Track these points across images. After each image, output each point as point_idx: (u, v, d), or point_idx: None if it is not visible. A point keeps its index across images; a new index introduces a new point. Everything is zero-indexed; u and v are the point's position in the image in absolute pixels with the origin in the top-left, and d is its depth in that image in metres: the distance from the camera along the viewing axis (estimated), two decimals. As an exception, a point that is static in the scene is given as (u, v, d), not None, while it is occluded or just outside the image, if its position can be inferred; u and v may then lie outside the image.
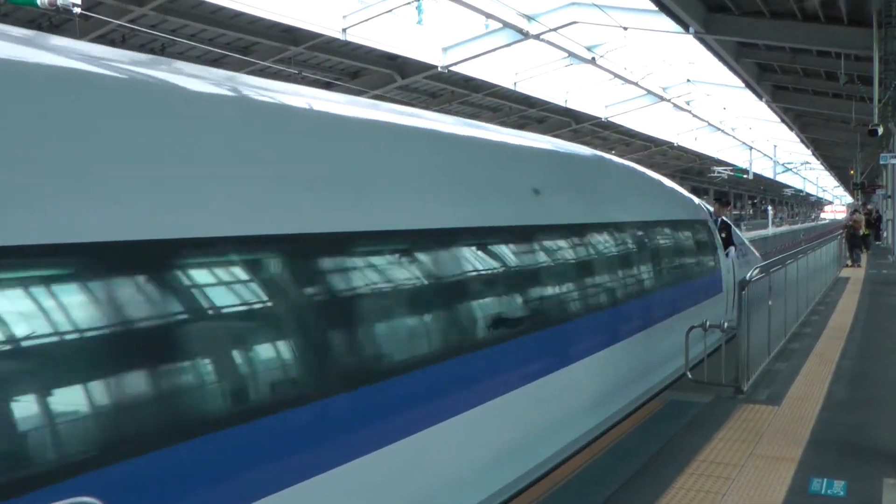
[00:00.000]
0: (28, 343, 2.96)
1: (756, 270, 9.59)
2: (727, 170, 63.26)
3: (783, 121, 41.48)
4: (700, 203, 13.91)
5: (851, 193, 64.52)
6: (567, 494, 6.17)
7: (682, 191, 13.68)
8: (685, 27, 21.40)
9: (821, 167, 76.55)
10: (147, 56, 5.29)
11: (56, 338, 3.05)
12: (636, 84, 35.29)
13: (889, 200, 35.94)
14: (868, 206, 44.23)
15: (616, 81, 34.53)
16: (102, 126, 3.56)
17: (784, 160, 70.44)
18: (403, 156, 5.84)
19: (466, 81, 31.58)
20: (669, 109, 42.39)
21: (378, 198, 5.11)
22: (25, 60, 3.58)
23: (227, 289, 3.83)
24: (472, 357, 5.55)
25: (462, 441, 5.46)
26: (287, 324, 4.12)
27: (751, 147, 59.82)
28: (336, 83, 27.98)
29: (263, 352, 4.00)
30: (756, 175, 66.43)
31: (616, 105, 39.85)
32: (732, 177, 66.54)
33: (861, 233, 29.76)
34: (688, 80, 37.97)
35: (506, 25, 25.10)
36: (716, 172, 64.17)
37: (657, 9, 20.87)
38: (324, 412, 4.14)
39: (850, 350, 11.22)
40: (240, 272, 3.93)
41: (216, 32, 22.82)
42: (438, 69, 27.62)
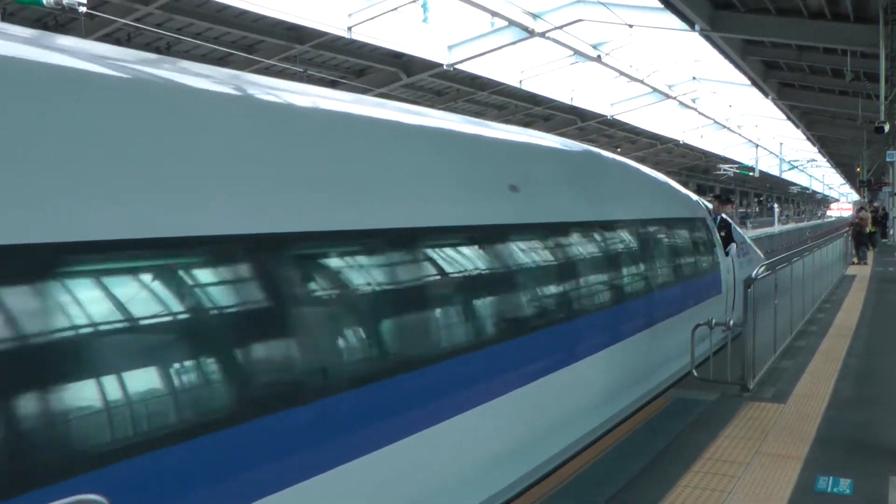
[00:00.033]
0: (36, 340, 2.96)
1: (762, 268, 9.58)
2: (733, 167, 63.17)
3: (789, 118, 41.43)
4: (698, 200, 13.33)
5: (858, 191, 64.39)
6: (572, 492, 6.17)
7: (679, 187, 13.05)
8: (691, 24, 21.38)
9: (827, 164, 76.46)
10: (168, 58, 5.28)
11: (64, 334, 3.06)
12: (642, 82, 35.25)
13: (895, 198, 35.86)
14: (874, 204, 44.10)
15: (621, 79, 34.50)
16: (139, 127, 3.66)
17: (790, 158, 70.39)
18: (359, 149, 5.27)
19: (472, 79, 31.57)
20: (675, 107, 42.36)
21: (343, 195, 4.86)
22: (48, 63, 3.64)
23: (219, 288, 3.81)
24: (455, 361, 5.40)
25: (467, 439, 5.46)
26: (285, 323, 4.11)
27: (757, 144, 59.76)
28: (341, 81, 27.98)
29: (268, 350, 4.00)
30: (762, 173, 66.36)
31: (621, 103, 39.81)
32: (738, 174, 66.42)
33: (867, 230, 29.66)
34: (693, 78, 37.94)
35: (511, 23, 25.08)
36: (721, 170, 64.07)
37: (663, 6, 20.85)
38: (331, 410, 4.14)
39: (857, 348, 11.20)
40: (229, 272, 3.92)
41: (221, 31, 22.84)
42: (444, 67, 27.61)
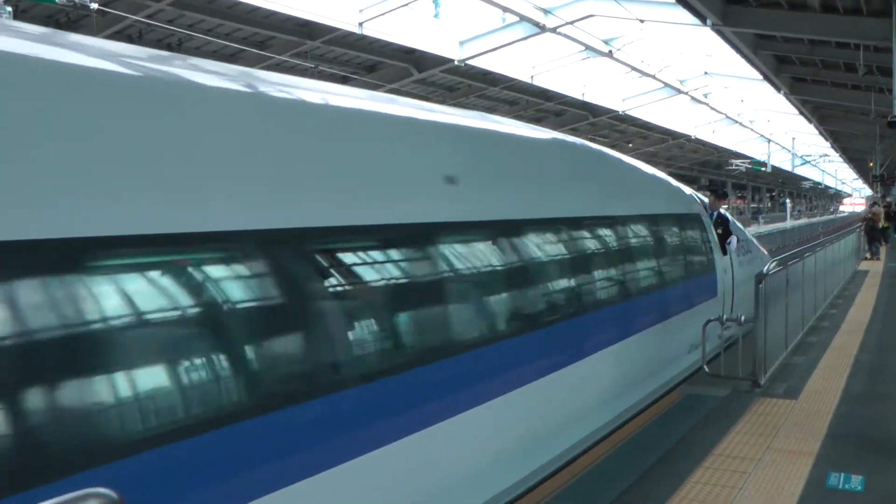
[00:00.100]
0: (45, 336, 2.99)
1: (773, 264, 9.55)
2: (745, 163, 62.94)
3: (801, 113, 41.19)
4: (692, 194, 12.41)
5: (870, 185, 64.08)
6: (583, 487, 6.19)
7: (669, 180, 12.09)
8: (702, 19, 21.29)
9: (839, 159, 76.02)
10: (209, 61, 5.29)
11: (73, 330, 3.09)
12: (653, 77, 35.13)
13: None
14: (887, 199, 43.89)
15: (633, 74, 34.39)
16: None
17: (802, 153, 70.02)
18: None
19: (483, 75, 31.55)
20: (687, 102, 42.21)
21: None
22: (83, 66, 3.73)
23: (221, 285, 3.83)
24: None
25: (477, 434, 5.47)
26: (292, 319, 4.14)
27: (769, 140, 59.47)
28: (352, 77, 28.01)
29: (279, 346, 4.03)
30: (774, 168, 66.06)
31: (633, 98, 39.70)
32: (750, 170, 66.19)
33: (880, 225, 29.56)
34: (705, 73, 37.77)
35: (522, 19, 25.04)
36: (734, 165, 63.85)
37: (674, 1, 20.79)
38: (340, 405, 4.17)
39: (869, 344, 11.17)
40: (231, 269, 3.94)
41: (233, 27, 22.89)
42: (455, 63, 27.59)
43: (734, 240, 12.26)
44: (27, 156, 3.10)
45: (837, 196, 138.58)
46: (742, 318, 9.31)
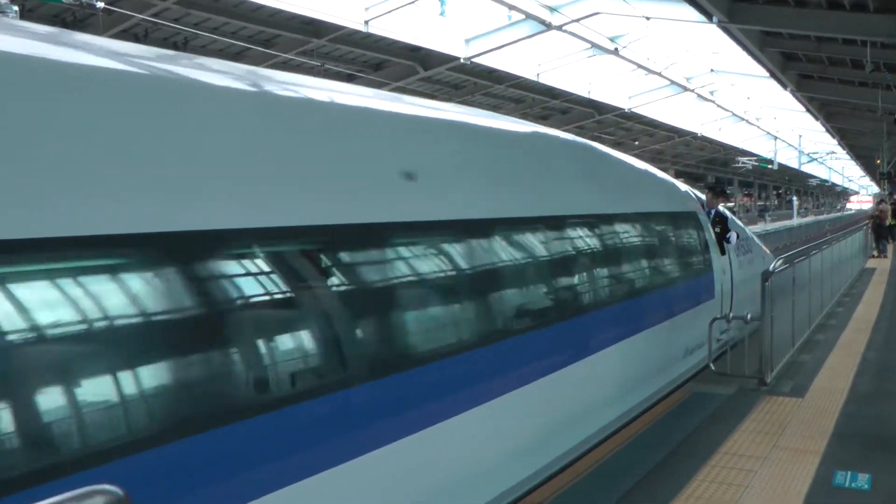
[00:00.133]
0: (53, 333, 3.00)
1: (779, 261, 9.52)
2: (752, 160, 62.86)
3: (808, 110, 41.11)
4: (688, 191, 11.87)
5: (878, 183, 63.88)
6: (589, 485, 6.18)
7: (663, 176, 11.58)
8: (708, 16, 21.23)
9: (846, 157, 75.86)
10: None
11: (83, 327, 3.10)
12: (659, 74, 35.10)
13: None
14: (895, 196, 43.77)
15: (639, 72, 34.36)
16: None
17: (809, 150, 69.90)
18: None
19: (489, 73, 31.54)
20: (693, 100, 42.14)
21: None
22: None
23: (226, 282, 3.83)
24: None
25: (483, 432, 5.46)
26: (300, 315, 4.14)
27: (776, 137, 59.37)
28: (358, 75, 28.01)
29: (286, 342, 4.03)
30: (781, 165, 65.98)
31: (639, 96, 39.65)
32: (757, 167, 66.11)
33: (887, 223, 29.51)
34: (711, 70, 37.71)
35: (528, 16, 25.02)
36: (740, 163, 63.78)
37: (680, -2, 20.80)
38: (346, 402, 4.17)
39: (876, 341, 11.15)
40: (235, 266, 3.94)
41: (238, 25, 22.91)
42: (461, 61, 27.57)
43: (733, 236, 11.83)
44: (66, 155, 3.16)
45: (844, 193, 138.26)
46: (748, 317, 9.30)
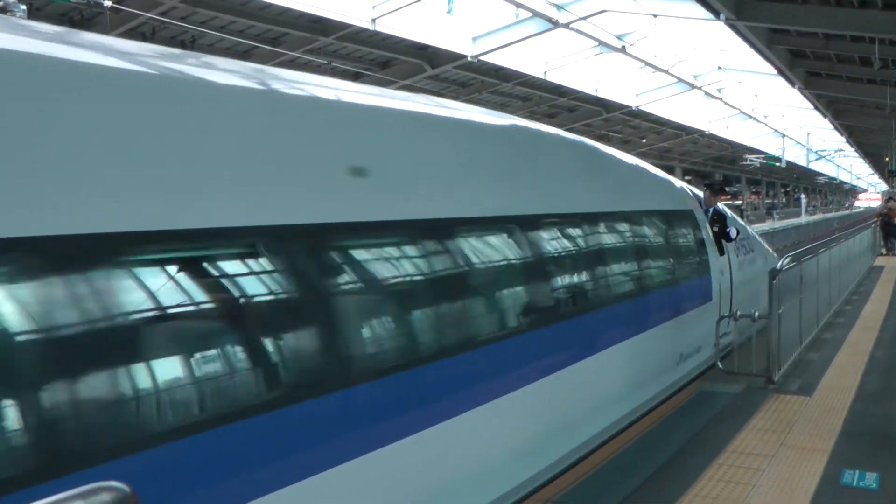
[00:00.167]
0: (63, 331, 3.01)
1: (787, 259, 9.51)
2: (760, 158, 62.71)
3: (816, 108, 40.98)
4: (684, 188, 11.41)
5: (886, 181, 63.68)
6: (597, 483, 6.18)
7: (657, 173, 11.02)
8: (716, 14, 21.18)
9: (855, 154, 75.63)
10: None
11: (93, 325, 3.12)
12: (667, 72, 35.01)
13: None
14: (903, 194, 43.63)
15: (647, 70, 34.27)
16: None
17: (817, 147, 69.70)
18: None
19: (496, 71, 31.48)
20: (701, 97, 42.02)
21: None
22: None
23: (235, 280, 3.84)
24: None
25: (491, 430, 5.46)
26: (300, 314, 4.14)
27: (783, 135, 59.22)
28: (365, 73, 28.01)
29: (289, 342, 4.04)
30: (789, 163, 65.79)
31: (647, 93, 39.55)
32: (765, 165, 65.95)
33: (896, 221, 29.41)
34: (719, 68, 37.59)
35: (535, 14, 24.96)
36: (748, 161, 63.63)
37: (687, -4, 20.77)
38: (352, 401, 4.17)
39: (884, 340, 11.13)
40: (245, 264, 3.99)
41: (245, 24, 22.90)
42: (468, 59, 27.51)
43: (732, 230, 11.36)
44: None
45: (852, 191, 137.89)
46: (756, 315, 9.29)
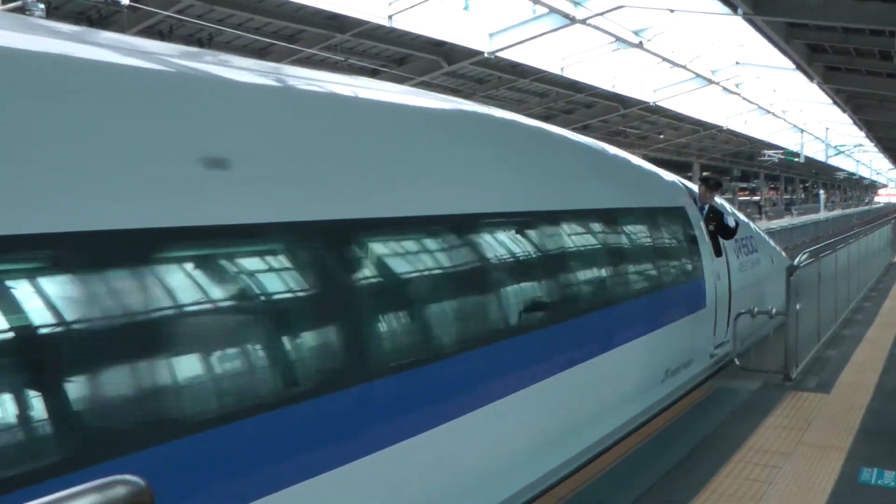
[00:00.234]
0: (80, 326, 3.04)
1: (805, 256, 9.46)
2: (778, 153, 62.42)
3: (835, 102, 40.70)
4: (676, 182, 10.36)
5: (906, 176, 63.41)
6: (612, 480, 6.17)
7: (644, 165, 10.15)
8: (733, 8, 21.07)
9: (874, 149, 75.14)
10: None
11: (109, 320, 3.12)
12: (684, 67, 34.87)
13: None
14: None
15: (664, 65, 34.15)
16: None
17: (836, 143, 69.29)
18: None
19: (513, 67, 31.43)
20: (718, 93, 41.84)
21: None
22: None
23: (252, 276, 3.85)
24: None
25: (505, 427, 5.47)
26: (311, 312, 4.16)
27: (802, 130, 58.90)
28: (382, 70, 28.03)
29: (303, 339, 4.05)
30: (807, 158, 65.45)
31: (664, 89, 39.41)
32: (783, 160, 65.63)
33: (916, 216, 29.26)
34: (737, 63, 37.41)
35: (552, 10, 24.91)
36: (766, 156, 63.36)
37: (705, -10, 20.68)
38: (365, 396, 4.18)
39: (904, 337, 11.06)
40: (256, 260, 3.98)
41: (262, 21, 22.95)
42: (485, 55, 27.48)
43: (730, 219, 10.29)
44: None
45: (872, 187, 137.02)
46: (773, 311, 9.26)
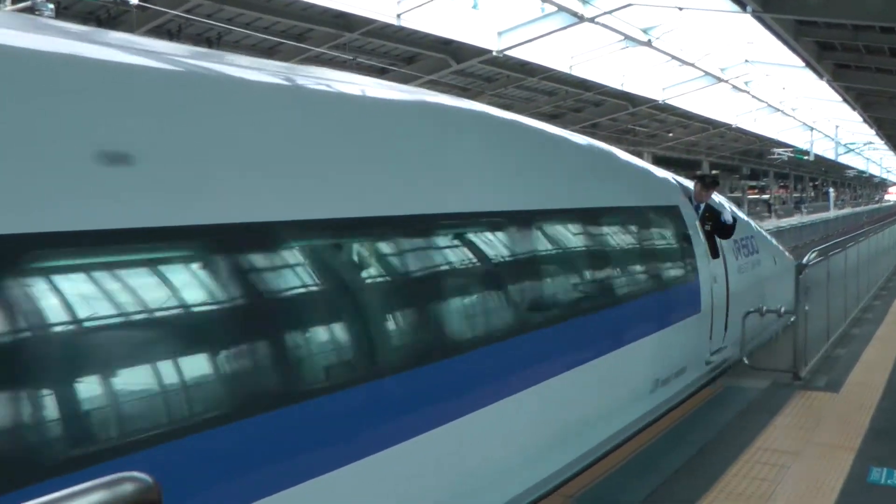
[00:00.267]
0: (93, 323, 3.06)
1: (814, 254, 9.43)
2: (788, 151, 62.26)
3: (845, 100, 40.58)
4: (668, 179, 9.75)
5: (917, 174, 63.26)
6: (621, 479, 6.16)
7: (633, 161, 9.48)
8: (742, 6, 21.01)
9: (885, 147, 74.90)
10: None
11: (124, 317, 3.15)
12: (693, 65, 34.80)
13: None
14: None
15: (673, 63, 34.08)
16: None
17: (846, 140, 69.09)
18: None
19: (522, 65, 31.41)
20: (728, 91, 41.74)
21: None
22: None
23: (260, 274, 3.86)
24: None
25: (516, 424, 5.47)
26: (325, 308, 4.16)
27: (812, 128, 58.74)
28: (390, 69, 28.04)
29: (319, 334, 4.08)
30: (817, 156, 65.27)
31: (673, 87, 39.34)
32: (793, 158, 65.47)
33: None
34: (746, 61, 37.31)
35: (561, 9, 24.88)
36: (776, 154, 63.20)
37: (714, -12, 20.63)
38: (379, 392, 4.19)
39: (914, 335, 11.03)
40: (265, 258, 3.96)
41: (271, 20, 22.98)
42: (493, 53, 27.48)
43: (726, 212, 9.79)
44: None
45: (882, 184, 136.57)
46: (782, 310, 9.23)
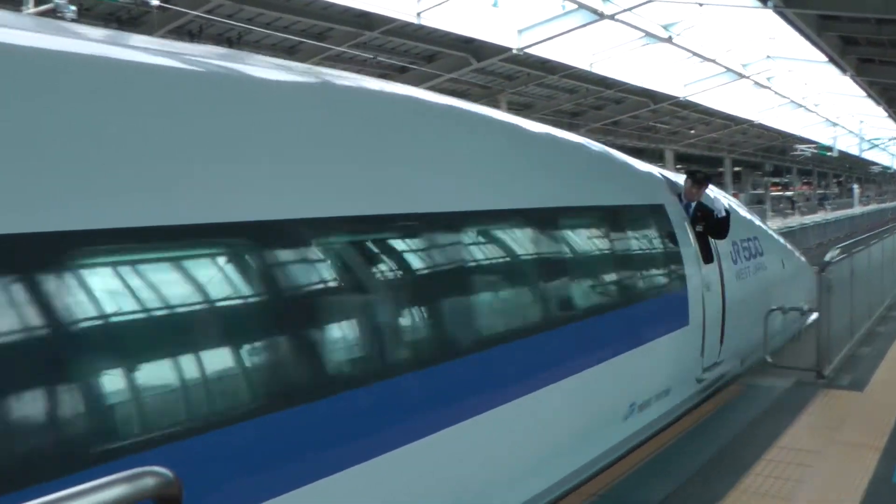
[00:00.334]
0: (113, 320, 3.07)
1: (837, 252, 9.35)
2: (811, 148, 61.88)
3: (869, 95, 40.34)
4: (652, 175, 8.66)
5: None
6: (642, 477, 6.14)
7: (615, 154, 8.34)
8: (764, 1, 20.92)
9: (910, 143, 74.39)
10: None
11: (139, 315, 3.15)
12: (714, 62, 34.64)
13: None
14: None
15: (694, 60, 33.92)
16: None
17: (871, 136, 68.57)
18: None
19: (542, 63, 31.38)
20: (750, 87, 41.49)
21: None
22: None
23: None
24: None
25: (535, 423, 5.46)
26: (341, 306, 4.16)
27: (835, 123, 58.34)
28: (411, 67, 28.07)
29: (338, 331, 4.10)
30: (841, 152, 64.82)
31: (694, 84, 39.16)
32: (816, 155, 65.06)
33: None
34: (768, 57, 37.08)
35: (581, 6, 24.83)
36: (799, 151, 62.83)
37: (735, -17, 20.54)
38: (391, 392, 4.19)
39: (940, 333, 10.93)
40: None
41: (291, 20, 23.06)
42: (514, 52, 27.46)
43: (720, 203, 8.78)
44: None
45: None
46: (805, 308, 9.17)
